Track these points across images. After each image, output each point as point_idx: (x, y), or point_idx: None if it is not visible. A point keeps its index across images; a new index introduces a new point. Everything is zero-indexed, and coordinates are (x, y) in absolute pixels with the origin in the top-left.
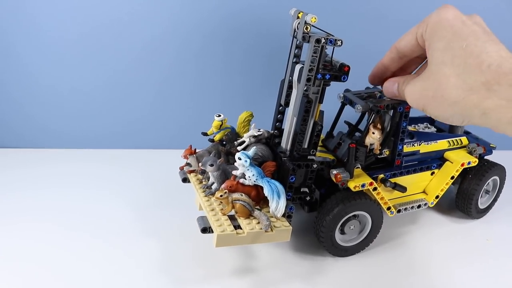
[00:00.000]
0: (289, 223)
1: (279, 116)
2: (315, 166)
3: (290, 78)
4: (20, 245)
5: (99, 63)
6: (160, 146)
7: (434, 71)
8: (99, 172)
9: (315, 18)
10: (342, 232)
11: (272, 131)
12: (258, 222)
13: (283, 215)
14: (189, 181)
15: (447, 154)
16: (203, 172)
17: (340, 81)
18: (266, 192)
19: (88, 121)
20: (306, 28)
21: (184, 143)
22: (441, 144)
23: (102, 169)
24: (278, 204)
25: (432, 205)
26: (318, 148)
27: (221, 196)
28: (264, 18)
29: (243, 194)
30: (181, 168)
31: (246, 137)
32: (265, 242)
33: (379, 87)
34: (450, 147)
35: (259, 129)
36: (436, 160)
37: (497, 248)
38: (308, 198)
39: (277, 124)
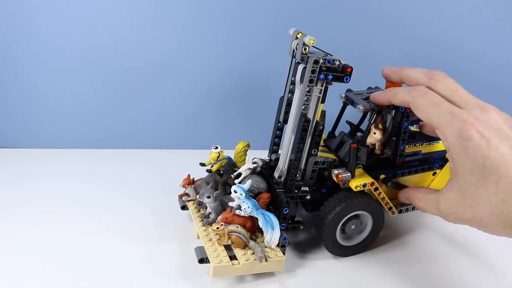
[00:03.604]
0: (283, 253)
1: (277, 132)
2: (308, 197)
3: (289, 95)
4: (23, 242)
5: (99, 63)
6: (160, 146)
7: (466, 191)
8: (101, 172)
9: (313, 40)
10: (343, 231)
11: (268, 158)
12: (253, 253)
13: (278, 245)
14: (187, 209)
15: None
16: (201, 204)
17: (342, 81)
18: (261, 223)
19: (88, 122)
20: (305, 49)
21: (184, 143)
22: (443, 145)
23: (105, 169)
24: (272, 235)
25: None
26: (320, 148)
27: (217, 228)
28: (265, 21)
29: (239, 226)
30: (180, 197)
31: (242, 170)
32: (260, 272)
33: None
34: None
35: (254, 160)
36: (438, 160)
37: (497, 248)
38: (308, 197)
39: (276, 140)
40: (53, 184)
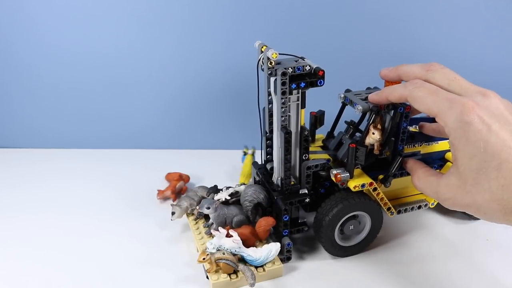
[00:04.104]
0: (288, 258)
1: (268, 142)
2: (307, 200)
3: (270, 106)
4: (23, 242)
5: (99, 64)
6: (160, 146)
7: (466, 176)
8: (102, 172)
9: (275, 54)
10: (342, 232)
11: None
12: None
13: (283, 252)
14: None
15: (448, 155)
16: (201, 214)
17: (316, 86)
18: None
19: (88, 122)
20: (270, 63)
21: (184, 143)
22: (442, 145)
23: (105, 168)
24: (262, 262)
25: (433, 206)
26: (315, 147)
27: (203, 259)
28: (262, 21)
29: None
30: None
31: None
32: (260, 282)
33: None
34: None
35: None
36: (437, 161)
37: (497, 248)
38: (307, 200)
39: (268, 149)
40: (53, 184)
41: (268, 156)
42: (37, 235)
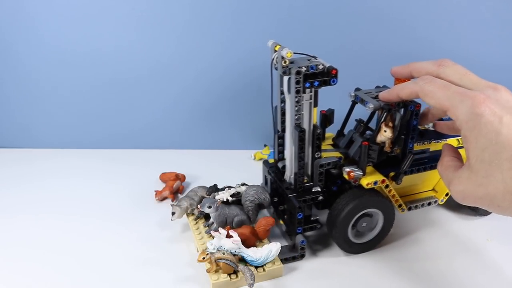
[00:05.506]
0: (295, 258)
1: (279, 140)
2: (320, 198)
3: (282, 104)
4: (22, 242)
5: (99, 64)
6: (160, 146)
7: (478, 169)
8: (102, 172)
9: (290, 53)
10: (354, 229)
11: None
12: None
13: (297, 248)
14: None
15: None
16: (202, 213)
17: (329, 85)
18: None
19: (87, 122)
20: (284, 62)
21: (184, 143)
22: (450, 142)
23: (105, 169)
24: (264, 262)
25: (442, 203)
26: (326, 146)
27: (203, 258)
28: (263, 21)
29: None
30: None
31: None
32: (260, 282)
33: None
34: (460, 145)
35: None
36: None
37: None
38: (320, 198)
39: (279, 148)
40: (53, 184)
41: (279, 155)
42: (37, 235)
